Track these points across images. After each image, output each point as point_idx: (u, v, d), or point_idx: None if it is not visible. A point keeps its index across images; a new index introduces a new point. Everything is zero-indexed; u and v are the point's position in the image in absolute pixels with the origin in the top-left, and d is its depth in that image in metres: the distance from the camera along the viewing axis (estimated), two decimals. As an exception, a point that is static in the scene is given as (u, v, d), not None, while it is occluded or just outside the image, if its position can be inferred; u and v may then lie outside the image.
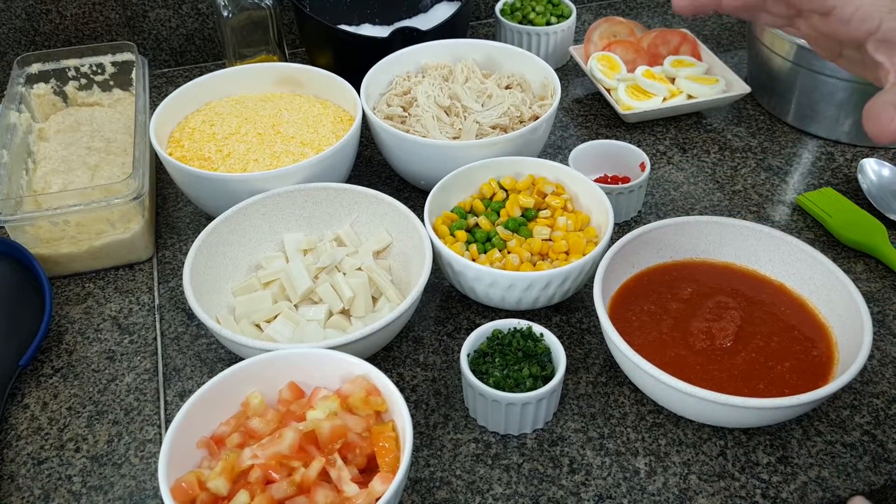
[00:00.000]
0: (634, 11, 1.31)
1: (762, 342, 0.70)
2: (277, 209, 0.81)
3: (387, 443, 0.58)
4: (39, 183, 0.87)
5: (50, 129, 0.95)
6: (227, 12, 1.00)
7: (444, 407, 0.71)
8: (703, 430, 0.69)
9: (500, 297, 0.74)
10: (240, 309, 0.75)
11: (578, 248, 0.76)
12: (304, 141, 0.87)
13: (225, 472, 0.57)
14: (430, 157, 0.85)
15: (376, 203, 0.81)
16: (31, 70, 0.97)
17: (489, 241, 0.79)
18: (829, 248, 0.86)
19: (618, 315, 0.73)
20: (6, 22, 1.08)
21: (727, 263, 0.78)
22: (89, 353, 0.77)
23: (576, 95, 1.11)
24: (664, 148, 1.00)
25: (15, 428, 0.71)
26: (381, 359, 0.75)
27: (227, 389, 0.62)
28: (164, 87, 1.13)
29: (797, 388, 0.66)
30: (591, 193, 0.81)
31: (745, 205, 0.92)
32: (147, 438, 0.70)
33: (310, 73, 0.96)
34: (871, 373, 0.73)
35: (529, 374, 0.66)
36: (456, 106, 0.92)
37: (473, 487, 0.65)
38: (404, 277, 0.79)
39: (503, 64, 0.99)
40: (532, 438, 0.68)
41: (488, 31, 1.26)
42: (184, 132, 0.90)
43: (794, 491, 0.65)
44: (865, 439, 0.68)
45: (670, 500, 0.64)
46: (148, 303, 0.82)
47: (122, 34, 1.13)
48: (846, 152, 0.99)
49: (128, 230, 0.83)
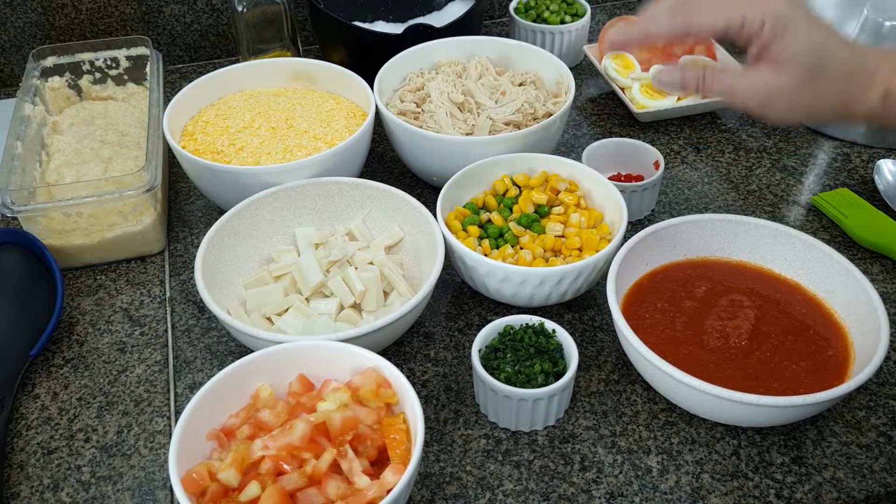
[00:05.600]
0: (649, 12, 1.30)
1: (777, 341, 0.70)
2: (289, 203, 0.81)
3: (398, 435, 0.58)
4: (52, 175, 0.87)
5: (64, 122, 0.95)
6: (241, 8, 1.00)
7: (454, 402, 0.71)
8: (716, 429, 0.68)
9: (513, 292, 0.74)
10: (251, 302, 0.75)
11: (591, 245, 0.76)
12: (317, 135, 0.87)
13: (235, 463, 0.56)
14: (443, 152, 0.85)
15: (389, 198, 0.81)
16: (46, 63, 0.97)
17: (502, 236, 0.79)
18: (845, 249, 0.85)
19: (631, 312, 0.72)
20: (22, 16, 1.08)
21: (741, 262, 0.77)
22: (100, 344, 0.77)
23: (590, 94, 1.10)
24: (678, 147, 1.00)
25: (25, 417, 0.71)
26: (392, 354, 0.75)
27: (236, 381, 0.62)
28: (178, 83, 1.14)
29: (812, 387, 0.65)
30: (605, 191, 0.80)
31: (760, 205, 0.91)
32: (157, 430, 0.70)
33: (323, 68, 0.96)
34: (887, 374, 0.73)
35: (541, 370, 0.66)
36: (469, 102, 0.91)
37: (484, 483, 0.65)
38: (416, 272, 0.79)
39: (517, 61, 0.99)
40: (543, 435, 0.68)
41: (502, 30, 1.25)
42: (197, 126, 0.90)
43: (808, 491, 0.64)
44: (881, 440, 0.67)
45: (683, 498, 0.63)
46: (159, 295, 0.82)
47: (136, 29, 1.14)
48: (862, 153, 0.98)
49: (140, 223, 0.83)
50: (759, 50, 0.63)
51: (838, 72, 0.63)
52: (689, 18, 0.63)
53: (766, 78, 0.63)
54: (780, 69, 0.62)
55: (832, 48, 0.62)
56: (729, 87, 0.64)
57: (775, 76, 0.62)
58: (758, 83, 0.63)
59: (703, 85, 0.65)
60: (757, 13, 0.62)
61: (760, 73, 0.63)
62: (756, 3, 0.62)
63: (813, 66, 0.62)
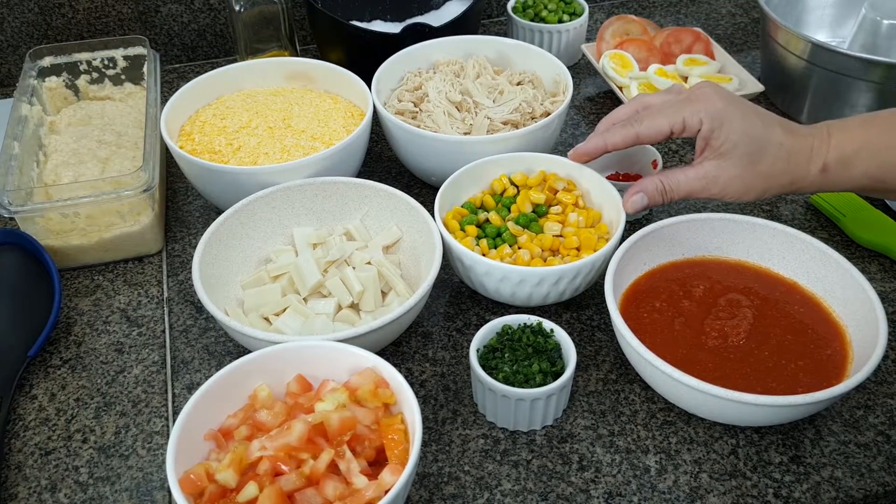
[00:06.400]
0: (647, 10, 1.30)
1: (775, 340, 0.70)
2: (287, 203, 0.81)
3: (396, 435, 0.58)
4: (50, 175, 0.87)
5: (61, 122, 0.95)
6: (238, 7, 1.00)
7: (452, 402, 0.71)
8: (714, 428, 0.68)
9: (511, 292, 0.74)
10: (248, 302, 0.75)
11: (589, 245, 0.76)
12: (315, 135, 0.87)
13: (233, 464, 0.56)
14: (440, 152, 0.85)
15: (387, 198, 0.81)
16: (43, 63, 0.97)
17: (500, 236, 0.79)
18: (843, 248, 0.85)
19: (629, 312, 0.72)
20: (19, 15, 1.08)
21: (740, 261, 0.77)
22: (98, 344, 0.77)
23: (588, 93, 1.10)
24: (676, 147, 1.00)
25: (23, 418, 0.71)
26: (390, 354, 0.75)
27: (234, 382, 0.62)
28: (176, 83, 1.14)
29: (810, 386, 0.65)
30: (603, 190, 0.80)
31: (758, 203, 0.91)
32: (154, 430, 0.70)
33: (321, 68, 0.96)
34: (885, 373, 0.73)
35: (539, 369, 0.66)
36: (467, 102, 0.91)
37: (482, 483, 0.65)
38: (414, 272, 0.79)
39: (515, 61, 0.99)
40: (541, 435, 0.68)
41: (500, 29, 1.25)
42: (194, 125, 0.90)
43: (806, 491, 0.64)
44: (879, 440, 0.67)
45: (681, 498, 0.63)
46: (157, 295, 0.82)
47: (134, 29, 1.14)
48: (860, 152, 0.98)
49: (137, 223, 0.83)
50: (703, 144, 0.71)
51: (777, 153, 0.69)
52: (638, 129, 0.72)
53: (714, 170, 0.71)
54: (723, 160, 0.70)
55: (767, 134, 0.69)
56: (687, 187, 0.72)
57: (721, 167, 0.70)
58: (708, 177, 0.71)
59: (667, 195, 0.73)
60: (694, 114, 0.70)
61: (707, 167, 0.71)
62: (693, 105, 0.70)
63: (752, 153, 0.69)
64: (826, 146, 0.70)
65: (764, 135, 0.69)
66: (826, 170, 0.70)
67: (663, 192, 0.73)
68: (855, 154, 0.69)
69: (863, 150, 0.69)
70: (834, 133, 0.70)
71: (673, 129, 0.71)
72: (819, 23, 1.13)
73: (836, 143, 0.69)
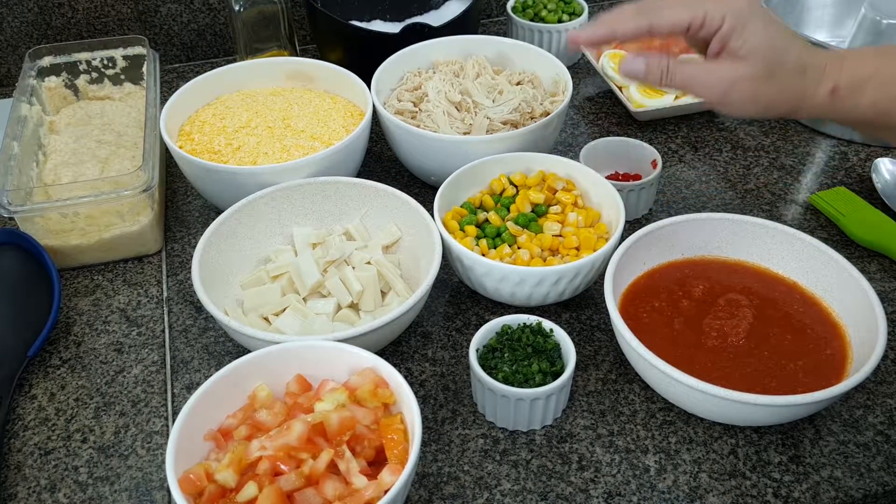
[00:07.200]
0: (646, 10, 1.30)
1: (775, 340, 0.70)
2: (287, 203, 0.81)
3: (395, 435, 0.58)
4: (49, 175, 0.87)
5: (60, 122, 0.95)
6: (238, 7, 1.00)
7: (452, 402, 0.71)
8: (714, 428, 0.68)
9: (510, 292, 0.74)
10: (248, 302, 0.75)
11: (589, 245, 0.76)
12: (314, 135, 0.87)
13: (233, 464, 0.56)
14: (440, 152, 0.85)
15: (386, 197, 0.81)
16: (42, 63, 0.97)
17: (499, 236, 0.79)
18: (843, 248, 0.85)
19: (628, 312, 0.72)
20: (19, 15, 1.08)
21: (739, 261, 0.77)
22: (97, 344, 0.77)
23: (587, 93, 1.10)
24: (676, 146, 1.00)
25: (22, 418, 0.71)
26: (390, 353, 0.75)
27: (234, 382, 0.62)
28: (175, 83, 1.13)
29: (810, 386, 0.65)
30: (602, 190, 0.80)
31: (758, 203, 0.91)
32: (154, 430, 0.70)
33: (321, 67, 0.96)
34: (885, 372, 0.73)
35: (539, 369, 0.66)
36: (467, 101, 0.91)
37: (481, 483, 0.65)
38: (413, 272, 0.79)
39: (514, 60, 0.99)
40: (541, 435, 0.68)
41: (499, 29, 1.25)
42: (194, 125, 0.90)
43: (806, 490, 0.64)
44: (879, 439, 0.67)
45: (680, 498, 0.63)
46: (156, 295, 0.82)
47: (133, 28, 1.14)
48: (860, 152, 0.98)
49: (137, 223, 0.83)
50: (720, 45, 0.65)
51: (793, 66, 0.65)
52: (653, 17, 0.66)
53: (727, 71, 0.65)
54: (740, 63, 0.65)
55: (788, 44, 0.65)
56: (690, 79, 0.66)
57: (736, 69, 0.65)
58: (719, 76, 0.65)
59: (667, 75, 0.67)
60: (717, 10, 0.64)
61: (722, 66, 0.65)
62: (716, 1, 0.65)
63: (771, 60, 0.65)
64: (839, 68, 0.66)
65: (784, 45, 0.65)
66: (835, 92, 0.66)
67: (665, 69, 0.66)
68: (867, 79, 0.65)
69: (874, 77, 0.66)
70: (848, 57, 0.67)
71: (692, 23, 0.65)
72: (819, 23, 1.13)
73: (848, 66, 0.66)
